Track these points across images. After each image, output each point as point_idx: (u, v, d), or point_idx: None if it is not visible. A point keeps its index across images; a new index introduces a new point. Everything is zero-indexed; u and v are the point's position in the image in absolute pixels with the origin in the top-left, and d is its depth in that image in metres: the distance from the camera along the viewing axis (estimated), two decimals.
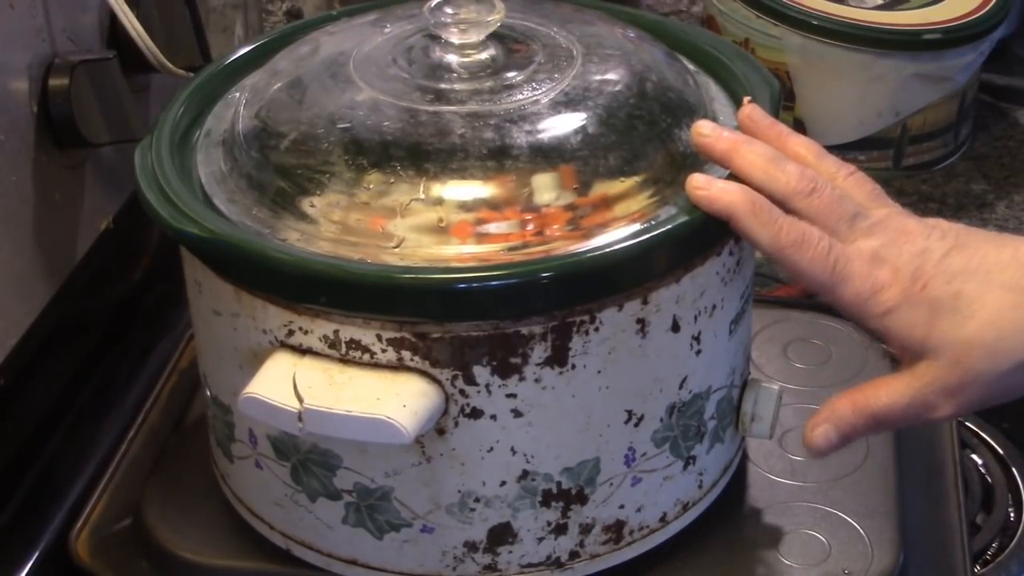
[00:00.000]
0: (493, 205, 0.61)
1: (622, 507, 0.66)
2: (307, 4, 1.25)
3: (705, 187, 0.61)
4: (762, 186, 0.61)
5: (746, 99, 0.66)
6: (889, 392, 0.62)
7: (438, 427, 0.61)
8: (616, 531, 0.66)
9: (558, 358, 0.60)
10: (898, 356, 0.62)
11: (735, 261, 0.65)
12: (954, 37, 1.05)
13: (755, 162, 0.62)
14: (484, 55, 0.66)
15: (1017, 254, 0.61)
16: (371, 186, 0.61)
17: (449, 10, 0.66)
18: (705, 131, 0.63)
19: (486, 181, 0.61)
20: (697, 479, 0.68)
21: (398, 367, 0.60)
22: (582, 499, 0.65)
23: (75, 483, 0.78)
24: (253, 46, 0.75)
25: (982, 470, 0.85)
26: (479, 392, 0.61)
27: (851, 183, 0.64)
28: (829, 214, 0.61)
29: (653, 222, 0.61)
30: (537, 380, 0.61)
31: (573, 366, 0.61)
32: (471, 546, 0.65)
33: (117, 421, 0.82)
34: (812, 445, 0.64)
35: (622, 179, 0.62)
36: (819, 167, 0.63)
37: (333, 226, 0.61)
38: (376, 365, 0.60)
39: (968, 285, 0.60)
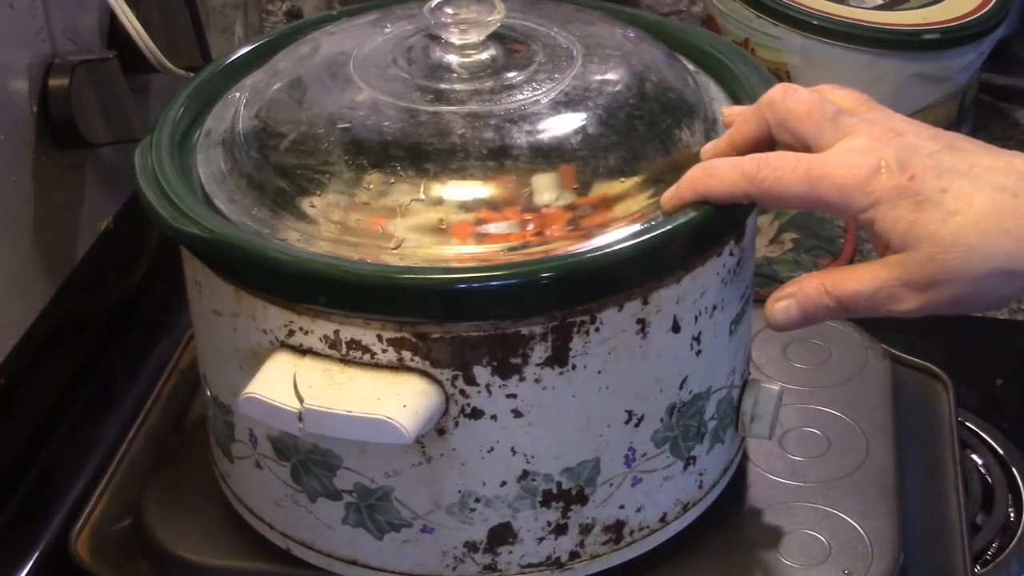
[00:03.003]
0: (493, 205, 0.61)
1: (622, 507, 0.66)
2: (307, 4, 1.25)
3: (669, 197, 0.62)
4: (744, 123, 0.62)
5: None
6: (858, 278, 0.60)
7: (438, 427, 0.61)
8: (616, 531, 0.66)
9: (558, 358, 0.60)
10: (876, 247, 0.61)
11: (735, 261, 0.65)
12: (954, 37, 1.05)
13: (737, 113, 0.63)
14: (484, 55, 0.66)
15: (1012, 161, 0.59)
16: (371, 186, 0.61)
17: (449, 10, 0.66)
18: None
19: (486, 181, 0.61)
20: (697, 479, 0.68)
21: (398, 367, 0.60)
22: (582, 499, 0.65)
23: (75, 483, 0.78)
24: (253, 46, 0.75)
25: (982, 470, 0.85)
26: (479, 392, 0.61)
27: (837, 93, 0.63)
28: (810, 114, 0.60)
29: (653, 222, 0.61)
30: (537, 380, 0.61)
31: (573, 366, 0.61)
32: (471, 546, 0.65)
33: (117, 421, 0.82)
34: (772, 317, 0.62)
35: (622, 179, 0.62)
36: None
37: (333, 226, 0.61)
38: (376, 365, 0.60)
39: (958, 182, 0.58)
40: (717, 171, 0.61)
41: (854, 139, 0.60)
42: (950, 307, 0.59)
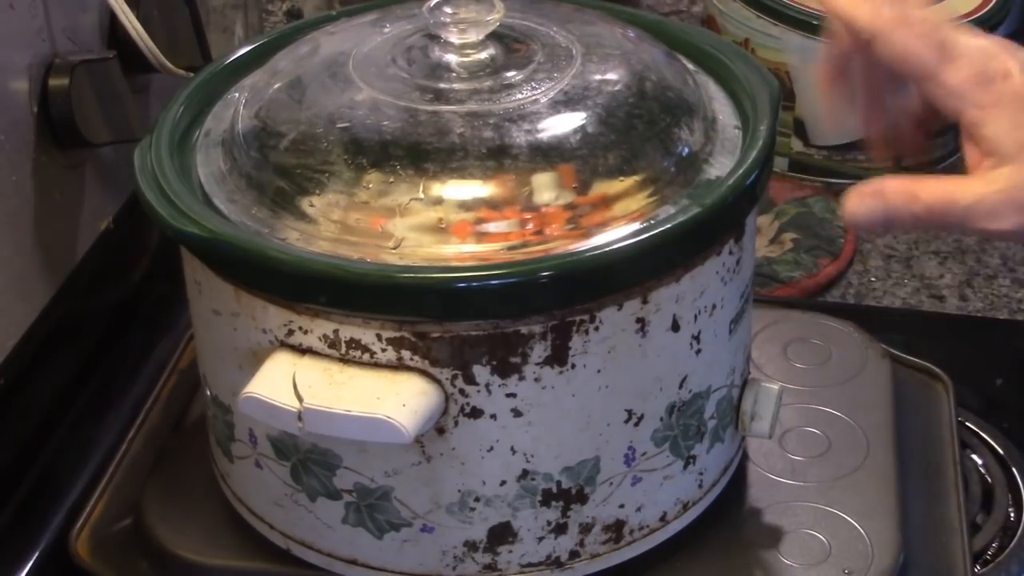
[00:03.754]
0: (493, 204, 0.61)
1: (622, 507, 0.66)
2: (307, 4, 1.25)
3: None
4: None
5: None
6: (956, 187, 0.56)
7: (438, 426, 0.61)
8: (616, 531, 0.66)
9: (558, 357, 0.60)
10: (972, 165, 0.57)
11: (735, 260, 0.65)
12: None
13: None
14: (483, 55, 0.66)
15: None
16: (371, 186, 0.61)
17: (448, 10, 0.66)
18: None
19: (485, 180, 0.61)
20: (697, 479, 0.68)
21: (398, 367, 0.60)
22: (582, 498, 0.65)
23: (75, 483, 0.78)
24: (253, 46, 0.75)
25: (982, 470, 0.85)
26: (479, 391, 0.61)
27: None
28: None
29: (653, 221, 0.61)
30: (537, 379, 0.61)
31: (573, 365, 0.61)
32: (471, 546, 0.65)
33: (117, 421, 0.82)
34: (852, 212, 0.58)
35: (621, 178, 0.62)
36: None
37: (333, 226, 0.61)
38: (376, 365, 0.60)
39: None
40: None
41: (986, 40, 0.58)
42: None
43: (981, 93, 0.57)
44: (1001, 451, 0.86)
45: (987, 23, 1.06)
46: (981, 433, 0.88)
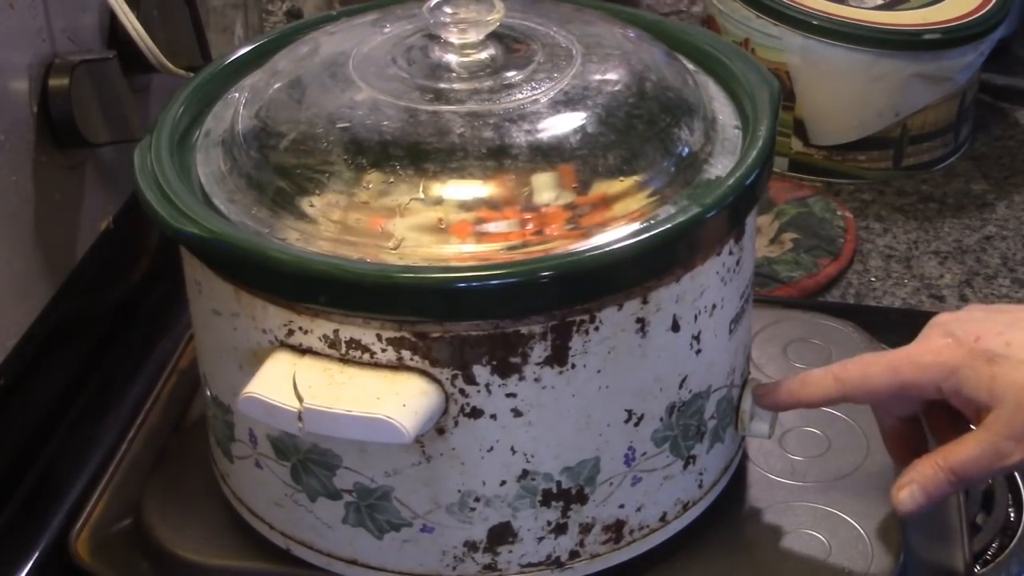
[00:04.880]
0: (492, 204, 0.61)
1: (622, 507, 0.66)
2: (307, 4, 1.25)
3: (763, 397, 0.70)
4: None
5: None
6: (965, 448, 0.65)
7: (438, 427, 0.61)
8: (616, 531, 0.66)
9: (558, 357, 0.60)
10: (974, 421, 0.66)
11: (735, 261, 0.65)
12: (954, 37, 1.05)
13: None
14: (483, 55, 0.66)
15: None
16: (370, 186, 0.61)
17: (448, 10, 0.66)
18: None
19: (485, 180, 0.61)
20: (697, 479, 0.68)
21: (398, 367, 0.60)
22: (582, 499, 0.65)
23: (75, 483, 0.78)
24: (253, 46, 0.75)
25: None
26: (479, 392, 0.61)
27: None
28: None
29: (652, 221, 0.61)
30: (537, 379, 0.61)
31: (573, 365, 0.61)
32: (471, 546, 0.65)
33: (117, 421, 0.82)
34: (900, 505, 0.67)
35: (621, 178, 0.62)
36: None
37: (333, 226, 0.61)
38: (376, 365, 0.60)
39: (1018, 334, 0.64)
40: (810, 379, 0.68)
41: (923, 332, 0.67)
42: None
43: (939, 371, 0.65)
44: None
45: (987, 23, 1.06)
46: None
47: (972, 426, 0.66)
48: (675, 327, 0.63)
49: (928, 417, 0.70)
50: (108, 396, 0.84)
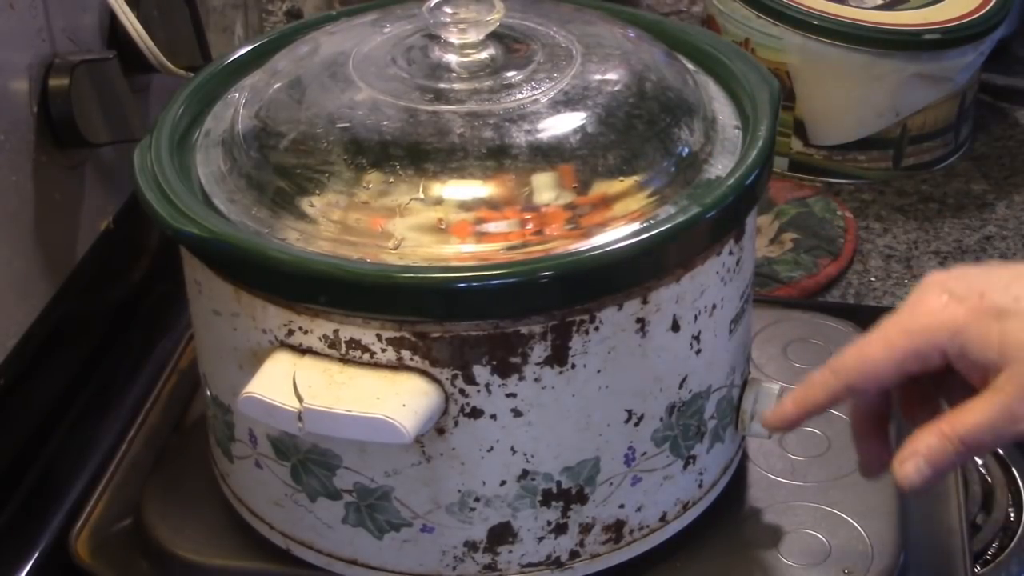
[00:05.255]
0: (492, 204, 0.61)
1: (622, 507, 0.66)
2: (307, 4, 1.25)
3: (771, 418, 0.67)
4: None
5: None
6: (973, 412, 0.60)
7: (438, 427, 0.61)
8: (616, 531, 0.66)
9: (558, 357, 0.60)
10: (979, 384, 0.60)
11: (735, 261, 0.65)
12: (954, 37, 1.05)
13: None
14: (483, 55, 0.66)
15: None
16: (370, 186, 0.61)
17: (448, 10, 0.66)
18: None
19: (485, 180, 0.61)
20: (697, 479, 0.68)
21: (398, 367, 0.60)
22: (582, 499, 0.65)
23: (75, 483, 0.78)
24: (253, 46, 0.75)
25: (982, 470, 0.85)
26: (479, 392, 0.61)
27: None
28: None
29: (652, 221, 0.61)
30: (537, 379, 0.61)
31: (573, 365, 0.61)
32: (471, 546, 0.65)
33: (117, 421, 0.82)
34: (904, 479, 0.61)
35: (621, 178, 0.62)
36: None
37: (332, 226, 0.61)
38: (376, 365, 0.60)
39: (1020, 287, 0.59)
40: (810, 382, 0.64)
41: (915, 293, 0.62)
42: None
43: (942, 334, 0.60)
44: (1001, 451, 0.86)
45: (987, 23, 1.06)
46: None
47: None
48: (675, 327, 0.63)
49: (903, 391, 0.66)
50: (108, 396, 0.84)
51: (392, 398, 0.59)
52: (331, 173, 0.62)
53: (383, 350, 0.60)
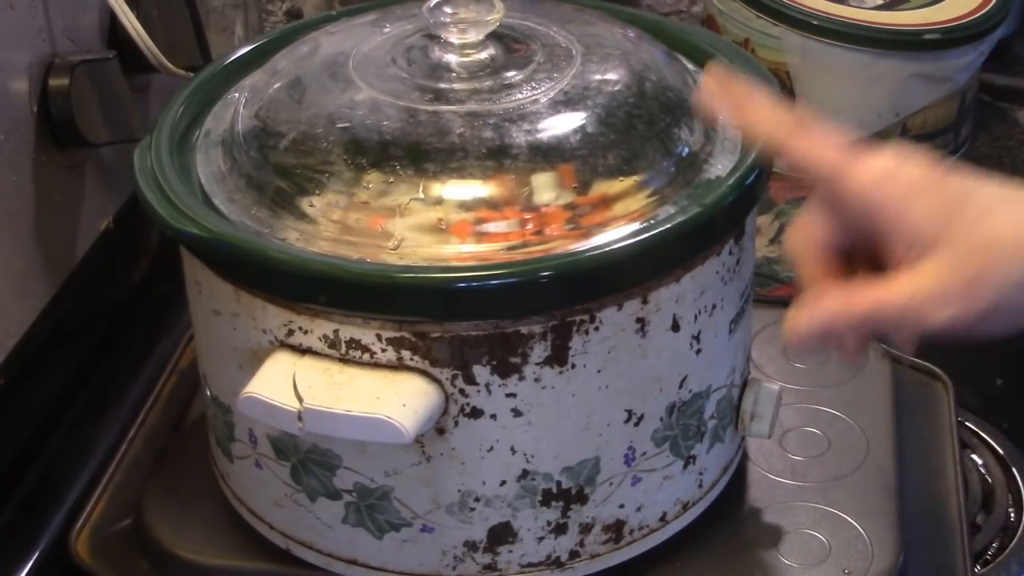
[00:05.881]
0: (492, 204, 0.61)
1: (622, 507, 0.66)
2: (307, 4, 1.25)
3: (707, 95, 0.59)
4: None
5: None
6: (888, 287, 0.55)
7: (438, 427, 0.61)
8: (616, 531, 0.66)
9: (558, 357, 0.60)
10: (900, 259, 0.55)
11: (735, 260, 0.65)
12: (954, 37, 1.05)
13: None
14: (483, 55, 0.66)
15: None
16: (370, 186, 0.61)
17: (448, 10, 0.66)
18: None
19: (485, 180, 0.61)
20: (697, 479, 0.68)
21: (398, 367, 0.60)
22: (582, 499, 0.65)
23: (75, 483, 0.78)
24: (253, 46, 0.75)
25: (982, 470, 0.85)
26: (479, 391, 0.61)
27: None
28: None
29: (652, 221, 0.61)
30: (537, 379, 0.61)
31: (573, 365, 0.61)
32: (471, 546, 0.65)
33: (117, 421, 0.82)
34: (790, 331, 0.57)
35: (621, 178, 0.62)
36: None
37: (332, 226, 0.61)
38: (376, 365, 0.60)
39: (987, 187, 0.55)
40: (766, 107, 0.58)
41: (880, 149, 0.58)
42: (986, 317, 0.54)
43: (892, 187, 0.55)
44: (1001, 451, 0.86)
45: (987, 23, 1.06)
46: (981, 433, 0.88)
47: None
48: (675, 327, 0.63)
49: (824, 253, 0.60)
50: (108, 396, 0.84)
51: (392, 398, 0.59)
52: (331, 173, 0.62)
53: (383, 350, 0.60)
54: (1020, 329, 0.55)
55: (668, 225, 0.60)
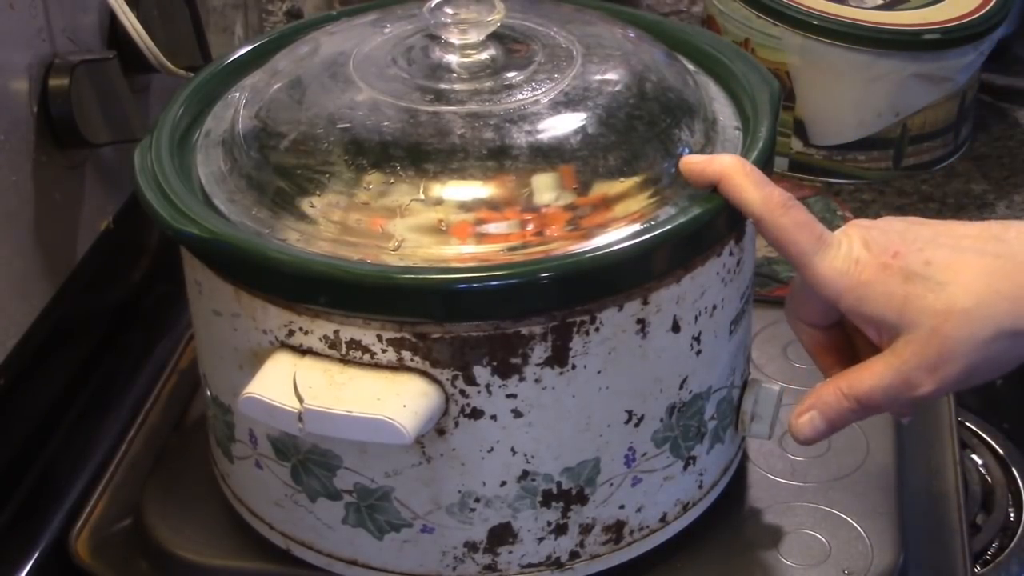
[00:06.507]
0: (493, 205, 0.61)
1: (622, 507, 0.66)
2: (307, 4, 1.25)
3: (697, 159, 0.62)
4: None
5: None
6: (871, 374, 0.60)
7: (438, 427, 0.61)
8: (616, 531, 0.66)
9: (558, 358, 0.60)
10: (876, 341, 0.61)
11: (735, 261, 0.65)
12: (954, 37, 1.05)
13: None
14: (484, 55, 0.66)
15: (986, 226, 0.60)
16: (371, 186, 0.61)
17: (449, 10, 0.66)
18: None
19: (486, 181, 0.61)
20: (697, 479, 0.68)
21: (398, 367, 0.60)
22: (582, 499, 0.65)
23: (75, 483, 0.78)
24: (253, 46, 0.75)
25: (982, 470, 0.85)
26: (479, 392, 0.61)
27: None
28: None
29: (653, 222, 0.61)
30: (537, 380, 0.61)
31: (573, 366, 0.61)
32: (471, 546, 0.65)
33: (117, 421, 0.82)
34: (799, 433, 0.63)
35: (622, 179, 0.62)
36: None
37: (333, 226, 0.61)
38: (376, 365, 0.60)
39: (939, 252, 0.58)
40: (754, 178, 0.61)
41: (840, 232, 0.61)
42: (967, 379, 0.59)
43: (848, 280, 0.59)
44: (1001, 451, 0.86)
45: (987, 23, 1.06)
46: (981, 433, 0.88)
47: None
48: (675, 328, 0.63)
49: (817, 338, 0.66)
50: (108, 396, 0.84)
51: (392, 399, 0.59)
52: (331, 174, 0.62)
53: (383, 351, 0.60)
54: (1015, 366, 0.59)
55: (669, 226, 0.60)
